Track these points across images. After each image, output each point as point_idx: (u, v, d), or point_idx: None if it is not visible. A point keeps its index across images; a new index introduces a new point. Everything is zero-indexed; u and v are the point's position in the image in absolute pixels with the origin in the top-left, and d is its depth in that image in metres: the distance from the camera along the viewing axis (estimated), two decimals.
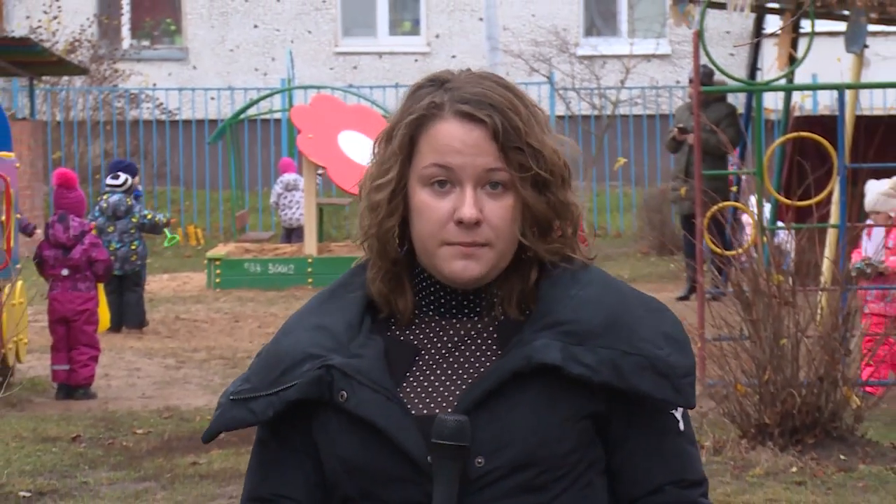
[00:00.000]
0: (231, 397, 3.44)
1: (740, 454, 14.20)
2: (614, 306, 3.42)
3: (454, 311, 3.48)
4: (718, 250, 18.59)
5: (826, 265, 17.37)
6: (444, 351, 3.44)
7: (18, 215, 19.98)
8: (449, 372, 3.42)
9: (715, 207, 19.64)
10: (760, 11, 22.04)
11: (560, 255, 3.47)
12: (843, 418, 14.85)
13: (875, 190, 18.22)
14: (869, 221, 18.64)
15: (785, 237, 17.98)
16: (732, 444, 14.34)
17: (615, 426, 3.44)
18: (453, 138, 3.36)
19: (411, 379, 3.41)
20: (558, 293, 3.41)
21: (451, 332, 3.47)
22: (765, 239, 17.43)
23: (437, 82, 3.45)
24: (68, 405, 17.99)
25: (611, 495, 3.50)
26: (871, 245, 17.98)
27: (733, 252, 18.31)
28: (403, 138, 3.40)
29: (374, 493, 3.36)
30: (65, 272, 18.53)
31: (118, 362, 20.46)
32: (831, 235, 18.29)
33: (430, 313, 3.48)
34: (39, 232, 20.71)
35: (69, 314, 18.46)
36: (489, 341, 3.44)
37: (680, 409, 3.49)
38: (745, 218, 19.68)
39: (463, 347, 3.44)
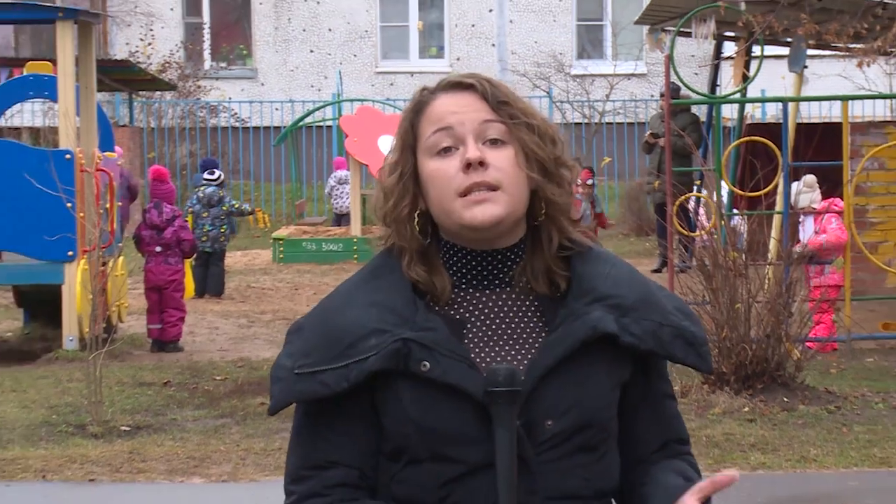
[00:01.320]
0: (297, 371, 3.17)
1: (702, 397, 14.20)
2: (641, 284, 3.31)
3: (486, 283, 3.27)
4: (685, 232, 18.60)
5: (772, 244, 17.34)
6: (488, 322, 3.25)
7: (119, 203, 19.98)
8: (501, 343, 3.23)
9: (682, 198, 19.66)
10: (719, 39, 21.99)
11: (568, 207, 3.29)
12: (786, 368, 14.84)
13: (794, 191, 18.22)
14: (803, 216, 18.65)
15: (739, 221, 17.92)
16: (696, 388, 14.36)
17: (633, 393, 3.33)
18: (446, 105, 3.22)
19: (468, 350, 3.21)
20: (593, 270, 3.26)
21: (491, 304, 3.27)
22: (722, 223, 17.38)
23: (424, 87, 3.33)
24: (160, 357, 18.00)
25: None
26: (804, 234, 18.00)
27: (697, 234, 18.31)
28: (405, 127, 3.27)
29: (444, 452, 3.14)
30: (158, 249, 18.52)
31: (201, 322, 20.47)
32: (776, 220, 18.26)
33: (466, 287, 3.28)
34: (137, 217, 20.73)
35: (161, 283, 18.46)
36: (530, 314, 3.26)
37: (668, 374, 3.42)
38: (702, 210, 19.66)
39: (508, 320, 3.25)
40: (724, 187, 18.78)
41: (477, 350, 3.21)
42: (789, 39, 19.17)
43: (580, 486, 3.19)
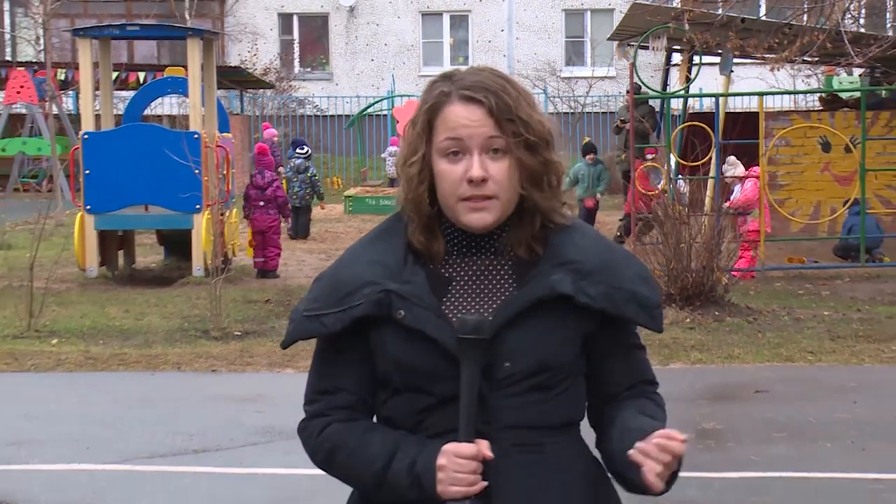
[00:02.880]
0: (304, 314, 3.01)
1: None
2: (605, 252, 3.03)
3: (474, 251, 3.03)
4: (643, 191, 18.56)
5: (707, 201, 17.29)
6: (470, 282, 3.01)
7: (233, 171, 20.00)
8: (476, 297, 2.99)
9: (641, 166, 19.62)
10: (669, 51, 21.89)
11: (553, 204, 3.02)
12: (717, 290, 14.82)
13: (725, 167, 18.36)
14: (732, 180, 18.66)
15: (683, 184, 17.87)
16: None
17: (601, 343, 3.04)
18: (460, 117, 2.94)
19: (447, 302, 2.98)
20: (564, 240, 3.00)
21: (475, 267, 3.02)
22: (671, 185, 17.33)
23: (446, 77, 3.05)
24: (263, 282, 17.99)
25: (591, 395, 3.12)
26: (734, 196, 18.14)
27: (653, 192, 18.25)
28: (423, 123, 2.99)
29: (419, 385, 2.95)
30: (261, 203, 18.52)
31: (293, 257, 20.45)
32: (710, 183, 18.20)
33: (457, 253, 3.03)
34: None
35: (263, 228, 18.45)
36: (505, 276, 3.01)
37: (638, 330, 3.12)
38: (658, 175, 19.61)
39: (486, 279, 3.01)
40: (672, 159, 18.69)
41: (456, 303, 2.99)
42: (720, 51, 19.09)
43: (535, 418, 2.95)
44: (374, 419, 3.08)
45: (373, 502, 3.04)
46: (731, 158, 18.71)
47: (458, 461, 2.86)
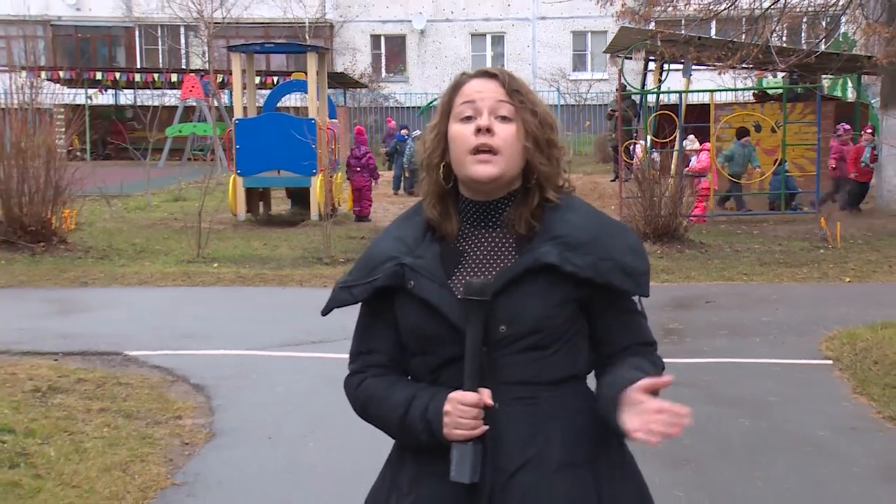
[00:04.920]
0: (340, 285, 2.59)
1: None
2: (595, 227, 2.48)
3: (482, 224, 2.51)
4: (627, 160, 18.41)
5: (673, 167, 17.08)
6: (479, 254, 2.51)
7: (339, 146, 19.99)
8: (483, 267, 2.48)
9: (626, 143, 19.44)
10: (646, 60, 21.65)
11: (557, 179, 2.54)
12: (679, 231, 14.71)
13: (686, 143, 18.21)
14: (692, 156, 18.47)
15: (656, 156, 17.69)
16: None
17: (595, 307, 2.49)
18: (474, 87, 2.50)
19: (458, 273, 2.48)
20: (557, 217, 2.49)
21: (484, 242, 2.51)
22: (647, 156, 17.15)
23: (465, 72, 2.63)
24: (359, 224, 17.99)
25: (594, 354, 2.55)
26: (692, 163, 17.95)
27: (634, 161, 18.10)
28: (445, 100, 2.54)
29: (431, 349, 2.47)
30: (358, 169, 18.51)
31: (380, 206, 20.43)
32: (675, 155, 17.98)
33: (470, 227, 2.52)
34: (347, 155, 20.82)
35: (359, 186, 18.45)
36: (509, 249, 2.49)
37: (637, 297, 2.54)
38: (637, 149, 19.41)
39: (492, 252, 2.50)
40: (648, 138, 18.52)
41: (466, 272, 2.48)
42: (683, 60, 18.85)
43: (532, 375, 2.43)
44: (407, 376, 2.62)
45: (403, 447, 2.60)
46: (691, 137, 18.61)
47: (462, 408, 2.40)
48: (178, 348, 9.01)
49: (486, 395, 2.41)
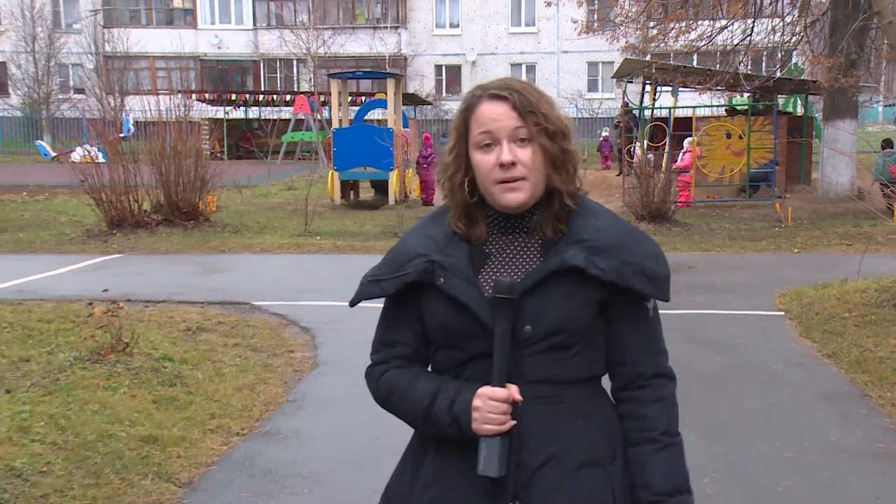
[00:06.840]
0: (369, 279, 2.05)
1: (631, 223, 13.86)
2: (619, 233, 1.96)
3: (510, 230, 1.99)
4: (629, 160, 18.18)
5: (664, 164, 16.88)
6: (506, 256, 1.98)
7: (410, 148, 19.96)
8: (510, 269, 1.96)
9: (628, 146, 19.19)
10: (644, 84, 21.35)
11: (571, 187, 1.99)
12: (668, 213, 14.53)
13: (685, 144, 17.86)
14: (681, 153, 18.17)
15: (651, 156, 17.48)
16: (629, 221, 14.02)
17: (614, 311, 1.96)
18: (489, 112, 1.94)
19: (485, 274, 1.95)
20: (582, 221, 1.96)
21: (511, 245, 1.98)
22: (644, 156, 16.92)
23: (478, 86, 2.06)
24: (426, 208, 17.86)
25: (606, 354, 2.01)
26: (678, 161, 17.63)
27: (634, 160, 17.88)
28: (460, 120, 2.01)
29: (457, 344, 1.94)
30: (425, 166, 18.44)
31: (441, 195, 20.32)
32: (666, 156, 17.73)
33: (497, 233, 1.99)
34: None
35: (426, 179, 18.38)
36: (534, 252, 1.97)
37: (652, 303, 1.99)
38: (637, 150, 19.16)
39: (518, 255, 1.98)
40: (645, 142, 18.27)
41: (492, 273, 1.96)
42: (672, 84, 18.57)
43: (555, 373, 1.93)
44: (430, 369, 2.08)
45: (423, 438, 2.07)
46: (688, 139, 18.07)
47: (492, 403, 1.89)
48: (291, 300, 9.03)
49: (514, 391, 1.92)
